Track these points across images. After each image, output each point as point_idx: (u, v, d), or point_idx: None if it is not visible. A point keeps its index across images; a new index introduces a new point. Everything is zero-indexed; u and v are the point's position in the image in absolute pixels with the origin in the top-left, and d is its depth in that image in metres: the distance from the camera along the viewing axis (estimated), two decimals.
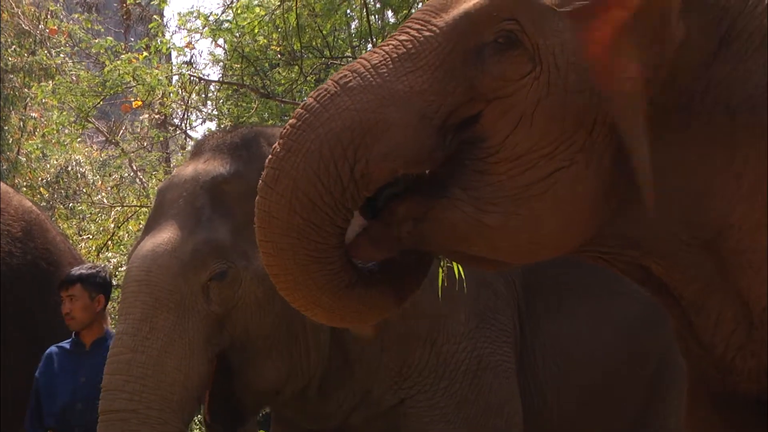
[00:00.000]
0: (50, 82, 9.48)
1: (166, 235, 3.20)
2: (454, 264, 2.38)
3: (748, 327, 2.12)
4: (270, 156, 2.00)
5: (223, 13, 8.91)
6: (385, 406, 3.41)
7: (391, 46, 2.01)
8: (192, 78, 9.56)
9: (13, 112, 9.90)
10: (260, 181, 2.00)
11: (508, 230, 1.99)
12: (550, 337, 3.60)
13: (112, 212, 10.32)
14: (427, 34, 1.99)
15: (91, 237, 10.12)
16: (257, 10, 8.45)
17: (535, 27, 1.96)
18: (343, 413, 3.41)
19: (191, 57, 11.02)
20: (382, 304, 2.13)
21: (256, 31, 8.36)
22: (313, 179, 1.94)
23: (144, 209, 10.30)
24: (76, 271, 3.87)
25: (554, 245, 2.09)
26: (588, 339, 3.61)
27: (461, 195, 1.97)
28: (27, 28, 10.01)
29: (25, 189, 9.30)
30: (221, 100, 10.10)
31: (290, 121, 2.01)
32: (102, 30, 10.48)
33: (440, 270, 2.45)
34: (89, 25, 10.04)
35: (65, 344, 3.87)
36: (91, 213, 10.28)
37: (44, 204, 9.52)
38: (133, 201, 10.52)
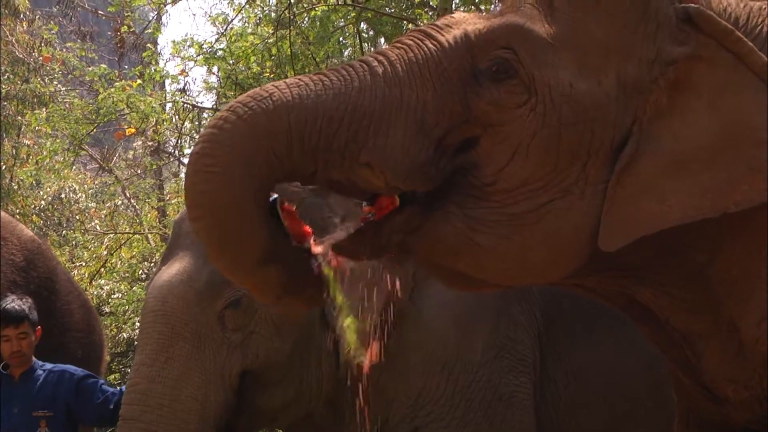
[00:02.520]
0: (44, 109, 9.50)
1: (181, 266, 3.22)
2: (331, 281, 2.22)
3: (737, 357, 2.13)
4: (276, 90, 1.94)
5: (216, 41, 8.96)
6: None
7: (401, 49, 2.03)
8: (185, 105, 9.61)
9: (6, 139, 9.91)
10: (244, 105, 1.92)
11: (497, 253, 2.00)
12: (573, 366, 3.58)
13: (105, 239, 10.32)
14: (431, 46, 2.01)
15: (83, 264, 10.10)
16: (251, 38, 8.51)
17: (532, 58, 1.98)
18: None
19: (185, 84, 11.04)
20: (273, 274, 2.00)
21: (250, 59, 8.42)
22: (310, 126, 1.90)
23: (137, 236, 10.30)
24: (18, 307, 3.78)
25: (542, 272, 2.09)
26: (611, 368, 3.59)
27: (455, 210, 1.98)
28: (21, 56, 10.05)
29: (18, 217, 9.29)
30: None
31: (323, 75, 1.97)
32: (96, 58, 10.51)
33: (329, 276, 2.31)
34: (83, 53, 10.07)
35: None
36: (84, 240, 10.26)
37: (37, 232, 9.51)
38: (125, 228, 10.50)
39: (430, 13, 8.38)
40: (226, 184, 1.89)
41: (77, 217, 10.72)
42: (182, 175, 12.43)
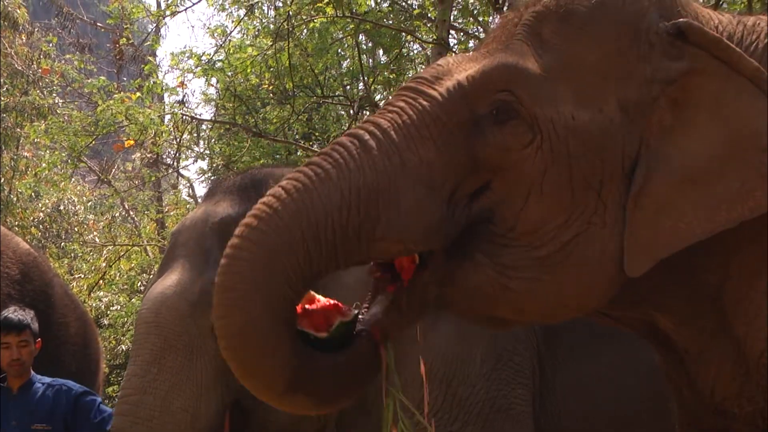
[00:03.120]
0: (43, 121, 9.51)
1: (175, 277, 3.21)
2: (390, 408, 2.22)
3: (744, 374, 2.13)
4: (278, 202, 1.90)
5: (215, 52, 8.99)
6: None
7: (393, 113, 1.99)
8: (184, 117, 9.62)
9: (5, 151, 9.93)
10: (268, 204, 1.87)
11: (533, 295, 2.00)
12: (573, 378, 3.57)
13: (104, 251, 10.33)
14: (425, 103, 1.98)
15: (82, 276, 10.12)
16: (249, 50, 8.52)
17: (530, 96, 1.96)
18: None
19: (184, 96, 11.07)
20: (301, 398, 1.97)
21: (248, 70, 8.43)
22: (322, 225, 1.87)
23: (136, 248, 10.30)
24: (21, 316, 3.79)
25: (578, 306, 2.09)
26: (612, 381, 3.58)
27: (484, 260, 1.97)
28: (20, 68, 10.08)
29: (16, 229, 9.30)
30: (213, 139, 10.16)
31: (316, 166, 1.92)
32: (95, 70, 10.54)
33: (386, 408, 2.32)
34: (82, 65, 10.09)
35: None
36: (82, 252, 10.28)
37: (36, 243, 9.52)
38: (124, 240, 10.51)
39: (428, 25, 8.40)
40: (246, 317, 1.87)
41: (76, 229, 10.75)
42: (181, 186, 12.49)
